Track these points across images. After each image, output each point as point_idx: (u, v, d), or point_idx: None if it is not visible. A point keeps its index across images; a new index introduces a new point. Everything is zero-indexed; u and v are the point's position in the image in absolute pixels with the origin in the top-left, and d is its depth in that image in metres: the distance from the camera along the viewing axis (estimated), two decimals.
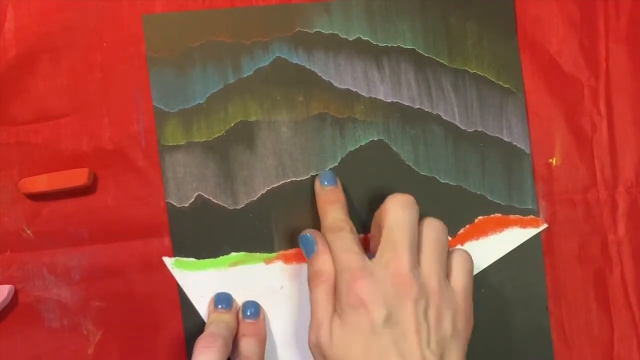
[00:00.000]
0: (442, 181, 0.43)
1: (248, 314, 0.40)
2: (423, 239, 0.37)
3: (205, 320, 0.41)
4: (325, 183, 0.40)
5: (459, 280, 0.37)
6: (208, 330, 0.38)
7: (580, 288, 0.43)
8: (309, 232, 0.39)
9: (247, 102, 0.42)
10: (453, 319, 0.35)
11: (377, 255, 0.36)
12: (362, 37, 0.43)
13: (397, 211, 0.36)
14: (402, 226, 0.36)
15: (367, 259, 0.36)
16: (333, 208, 0.39)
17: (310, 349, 0.36)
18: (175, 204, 0.41)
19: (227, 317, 0.39)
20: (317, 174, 0.41)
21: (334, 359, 0.34)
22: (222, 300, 0.40)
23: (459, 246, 0.38)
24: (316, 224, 0.41)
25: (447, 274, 0.37)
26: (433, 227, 0.37)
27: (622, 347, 0.43)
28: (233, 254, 0.41)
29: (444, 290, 0.35)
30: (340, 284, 0.35)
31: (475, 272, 0.42)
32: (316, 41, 0.42)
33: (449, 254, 0.38)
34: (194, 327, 0.41)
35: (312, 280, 0.37)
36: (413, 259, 0.35)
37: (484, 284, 0.42)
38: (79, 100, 0.41)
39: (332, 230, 0.38)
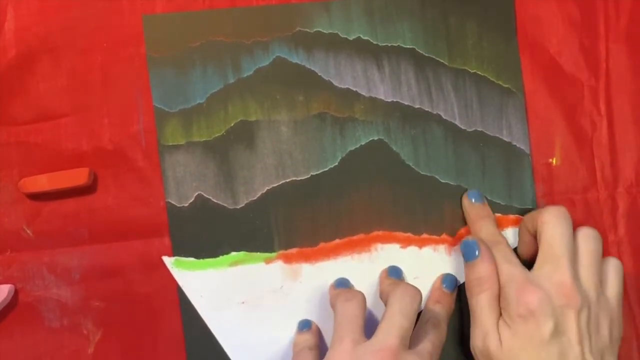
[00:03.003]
0: (442, 181, 0.43)
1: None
2: (580, 250, 0.38)
3: (205, 319, 0.41)
4: (473, 200, 0.42)
5: (613, 289, 0.38)
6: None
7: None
8: (471, 238, 0.39)
9: (247, 101, 0.42)
10: (610, 328, 0.37)
11: (537, 266, 0.38)
12: (362, 36, 0.43)
13: (555, 224, 0.38)
14: (560, 239, 0.37)
15: (527, 270, 0.38)
16: (486, 223, 0.41)
17: (476, 354, 0.38)
18: (175, 204, 0.41)
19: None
20: (464, 193, 0.42)
21: None
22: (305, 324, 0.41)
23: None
24: (316, 222, 0.41)
25: (601, 282, 0.38)
26: (590, 238, 0.38)
27: (622, 347, 0.43)
28: (233, 253, 0.41)
29: (601, 300, 0.37)
30: (509, 294, 0.37)
31: None
32: (316, 41, 0.42)
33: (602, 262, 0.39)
34: (194, 326, 0.41)
35: (473, 286, 0.38)
36: (574, 271, 0.37)
37: None
38: (79, 100, 0.41)
39: (490, 243, 0.39)
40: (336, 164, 0.42)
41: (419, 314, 0.38)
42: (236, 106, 0.42)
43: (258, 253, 0.41)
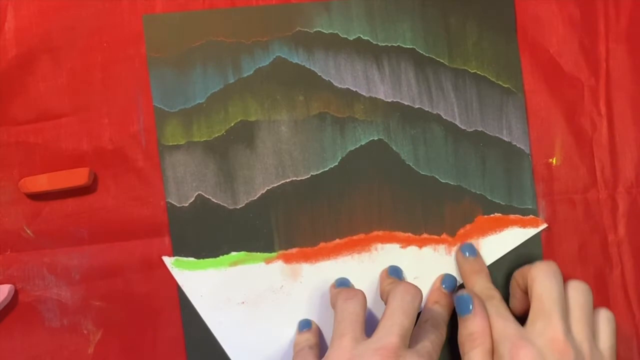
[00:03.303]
0: (442, 181, 0.43)
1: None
2: (571, 304, 0.38)
3: (205, 319, 0.41)
4: (467, 254, 0.42)
5: (606, 341, 0.38)
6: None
7: None
8: (465, 292, 0.39)
9: (247, 101, 0.42)
10: None
11: (529, 322, 0.37)
12: (362, 36, 0.43)
13: (545, 280, 0.38)
14: (550, 294, 0.37)
15: (520, 326, 0.37)
16: (480, 277, 0.41)
17: None
18: (175, 204, 0.41)
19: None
20: (458, 247, 0.42)
21: None
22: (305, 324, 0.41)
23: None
24: (316, 222, 0.41)
25: (594, 334, 0.38)
26: (580, 291, 0.38)
27: (622, 347, 0.43)
28: (233, 253, 0.41)
29: (595, 353, 0.37)
30: (502, 352, 0.36)
31: None
32: (316, 41, 0.42)
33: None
34: (194, 326, 0.41)
35: (466, 341, 0.38)
36: (566, 325, 0.37)
37: None
38: (79, 100, 0.41)
39: (484, 297, 0.39)
40: (336, 164, 0.42)
41: (418, 314, 0.38)
42: (236, 106, 0.42)
43: (258, 253, 0.41)
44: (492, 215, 0.43)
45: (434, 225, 0.42)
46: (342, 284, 0.41)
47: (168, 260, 0.41)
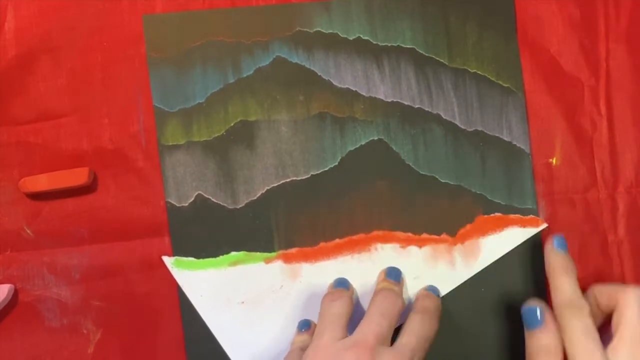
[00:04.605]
0: (442, 181, 0.43)
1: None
2: None
3: (205, 319, 0.41)
4: (558, 248, 0.39)
5: None
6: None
7: (580, 288, 0.43)
8: (535, 304, 0.37)
9: (247, 101, 0.42)
10: None
11: (613, 345, 0.35)
12: (362, 36, 0.43)
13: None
14: None
15: (605, 350, 0.35)
16: (570, 279, 0.38)
17: None
18: (175, 204, 0.41)
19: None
20: (549, 238, 0.40)
21: None
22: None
23: None
24: (316, 222, 0.41)
25: None
26: None
27: None
28: (233, 253, 0.41)
29: None
30: None
31: (475, 271, 0.42)
32: (316, 41, 0.42)
33: None
34: (194, 326, 0.41)
35: (537, 355, 0.36)
36: None
37: (484, 283, 0.42)
38: (79, 100, 0.41)
39: (572, 306, 0.36)
40: (336, 163, 0.42)
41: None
42: (236, 106, 0.42)
43: (258, 253, 0.41)
44: (492, 215, 0.43)
45: (434, 225, 0.42)
46: (340, 284, 0.41)
47: (168, 260, 0.41)
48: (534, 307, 0.37)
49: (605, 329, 0.37)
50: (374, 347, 0.35)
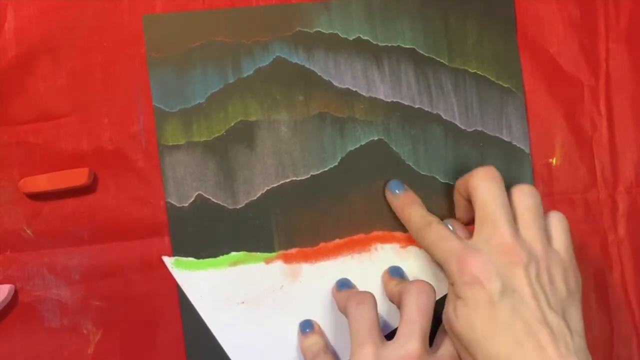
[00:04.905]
0: (442, 181, 0.43)
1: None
2: (517, 208, 0.37)
3: (205, 319, 0.41)
4: (397, 191, 0.41)
5: (561, 241, 0.37)
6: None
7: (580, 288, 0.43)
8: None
9: (247, 101, 0.42)
10: (565, 280, 0.36)
11: (475, 233, 0.37)
12: (362, 36, 0.43)
13: (486, 187, 0.37)
14: (494, 199, 0.36)
15: (464, 240, 0.37)
16: (414, 208, 0.40)
17: (446, 328, 0.37)
18: (175, 204, 0.41)
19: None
20: (386, 185, 0.42)
21: (463, 334, 0.35)
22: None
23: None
24: (316, 222, 0.41)
25: (547, 237, 0.37)
26: (526, 194, 0.37)
27: (622, 347, 0.43)
28: (233, 253, 0.41)
29: (550, 253, 0.36)
30: (450, 268, 0.36)
31: None
32: (316, 41, 0.42)
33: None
34: (194, 326, 0.41)
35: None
36: (513, 229, 0.36)
37: None
38: (79, 100, 0.41)
39: (422, 225, 0.39)
40: (336, 164, 0.42)
41: None
42: (236, 106, 0.42)
43: (258, 253, 0.41)
44: None
45: None
46: (343, 284, 0.41)
47: (168, 260, 0.41)
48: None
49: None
50: (422, 355, 0.34)
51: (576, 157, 0.44)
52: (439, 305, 0.41)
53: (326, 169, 0.42)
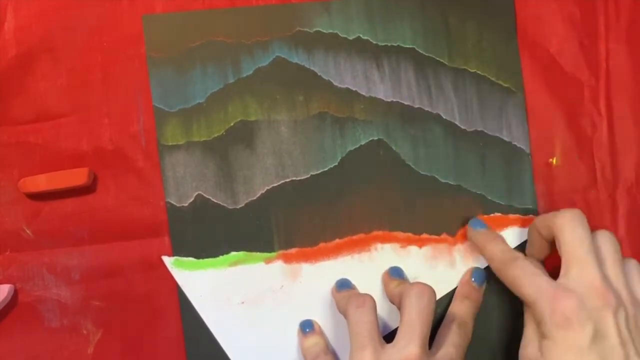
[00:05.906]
0: (442, 181, 0.43)
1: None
2: (603, 252, 0.37)
3: (205, 319, 0.41)
4: (478, 228, 0.41)
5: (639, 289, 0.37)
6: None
7: None
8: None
9: (247, 101, 0.42)
10: None
11: (563, 273, 0.36)
12: (362, 36, 0.43)
13: (574, 227, 0.37)
14: (582, 241, 0.36)
15: (553, 279, 0.36)
16: (497, 244, 0.40)
17: None
18: (175, 204, 0.41)
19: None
20: (467, 224, 0.42)
21: None
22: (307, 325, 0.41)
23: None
24: (316, 222, 0.41)
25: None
26: (609, 239, 0.37)
27: None
28: (233, 253, 0.41)
29: (634, 299, 0.36)
30: (542, 307, 0.35)
31: None
32: (316, 41, 0.42)
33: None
34: (194, 326, 0.41)
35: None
36: (602, 272, 0.36)
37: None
38: (79, 100, 0.41)
39: (509, 260, 0.38)
40: (336, 164, 0.42)
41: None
42: (236, 106, 0.42)
43: (258, 253, 0.41)
44: (492, 215, 0.43)
45: (434, 225, 0.42)
46: (343, 285, 0.41)
47: (168, 260, 0.41)
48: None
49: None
50: (422, 359, 0.34)
51: (576, 157, 0.44)
52: (439, 307, 0.41)
53: (326, 169, 0.42)
